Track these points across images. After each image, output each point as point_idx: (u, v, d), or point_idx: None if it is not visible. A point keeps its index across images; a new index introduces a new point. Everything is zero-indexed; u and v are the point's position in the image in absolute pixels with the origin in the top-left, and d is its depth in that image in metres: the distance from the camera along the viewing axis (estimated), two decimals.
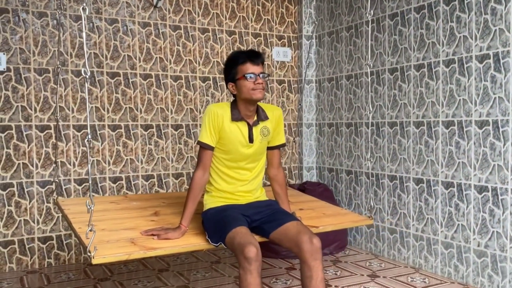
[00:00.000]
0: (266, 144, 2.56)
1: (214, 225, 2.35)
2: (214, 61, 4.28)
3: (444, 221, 3.37)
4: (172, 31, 4.10)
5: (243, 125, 2.45)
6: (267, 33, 4.53)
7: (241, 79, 2.39)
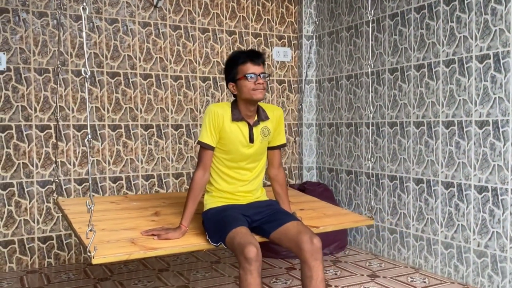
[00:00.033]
0: (267, 144, 2.56)
1: (215, 225, 2.35)
2: (214, 61, 4.28)
3: (444, 221, 3.37)
4: (172, 31, 4.10)
5: (243, 125, 2.45)
6: (267, 33, 4.53)
7: (241, 79, 2.39)
